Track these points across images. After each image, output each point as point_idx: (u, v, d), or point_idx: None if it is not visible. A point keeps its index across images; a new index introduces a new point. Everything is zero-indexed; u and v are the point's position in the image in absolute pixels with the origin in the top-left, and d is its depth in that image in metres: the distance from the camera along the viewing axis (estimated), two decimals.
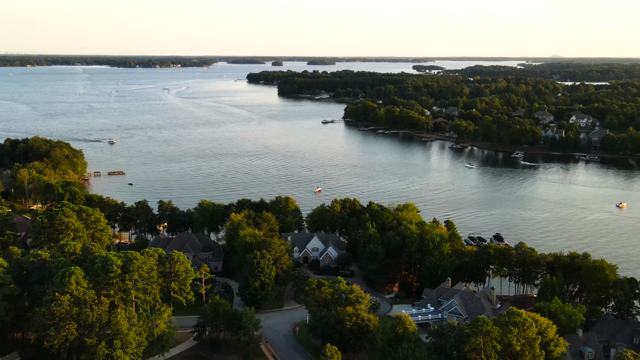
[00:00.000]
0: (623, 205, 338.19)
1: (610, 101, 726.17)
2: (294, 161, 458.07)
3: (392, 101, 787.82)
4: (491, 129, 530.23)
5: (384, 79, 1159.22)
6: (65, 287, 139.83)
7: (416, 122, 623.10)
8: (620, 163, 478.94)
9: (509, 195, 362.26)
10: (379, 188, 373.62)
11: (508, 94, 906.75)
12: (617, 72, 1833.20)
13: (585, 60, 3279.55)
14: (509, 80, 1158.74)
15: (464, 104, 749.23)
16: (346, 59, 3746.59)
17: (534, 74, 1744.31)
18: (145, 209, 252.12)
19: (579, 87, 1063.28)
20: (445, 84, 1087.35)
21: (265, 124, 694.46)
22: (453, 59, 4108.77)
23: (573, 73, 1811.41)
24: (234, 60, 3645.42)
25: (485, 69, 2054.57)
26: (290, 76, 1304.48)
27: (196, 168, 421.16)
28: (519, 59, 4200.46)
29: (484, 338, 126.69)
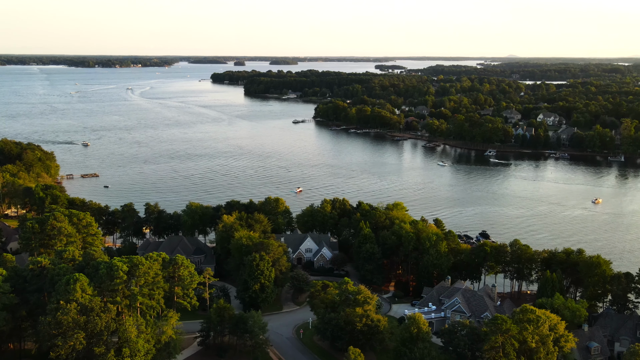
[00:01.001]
0: (599, 201, 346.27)
1: (574, 100, 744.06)
2: (270, 161, 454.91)
3: (361, 100, 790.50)
4: (463, 128, 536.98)
5: (350, 78, 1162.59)
6: (70, 295, 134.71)
7: (388, 121, 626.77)
8: (588, 160, 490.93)
9: (488, 193, 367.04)
10: (359, 187, 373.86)
11: (474, 92, 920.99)
12: (573, 71, 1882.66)
13: (540, 60, 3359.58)
14: (472, 80, 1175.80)
15: (433, 103, 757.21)
16: (308, 59, 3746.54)
17: (494, 73, 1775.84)
18: (131, 212, 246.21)
19: (541, 86, 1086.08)
20: (411, 83, 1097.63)
21: (236, 125, 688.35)
22: (414, 59, 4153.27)
23: (532, 72, 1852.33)
24: (196, 60, 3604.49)
25: (446, 68, 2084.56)
26: (256, 76, 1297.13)
27: (173, 170, 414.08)
28: (477, 58, 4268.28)
29: (503, 336, 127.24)
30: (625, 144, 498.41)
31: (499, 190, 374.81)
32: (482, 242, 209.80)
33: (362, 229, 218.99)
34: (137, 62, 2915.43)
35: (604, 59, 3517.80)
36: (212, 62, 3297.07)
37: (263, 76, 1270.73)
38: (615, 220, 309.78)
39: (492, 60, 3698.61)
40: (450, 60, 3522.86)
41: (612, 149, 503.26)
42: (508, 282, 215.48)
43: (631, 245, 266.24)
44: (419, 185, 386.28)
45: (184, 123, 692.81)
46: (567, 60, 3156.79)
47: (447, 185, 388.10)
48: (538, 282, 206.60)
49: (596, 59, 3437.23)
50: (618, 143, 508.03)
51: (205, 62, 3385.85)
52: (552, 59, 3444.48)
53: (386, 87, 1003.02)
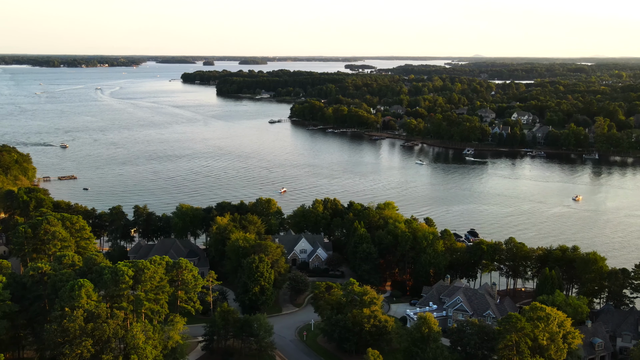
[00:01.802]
0: (579, 198, 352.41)
1: (545, 99, 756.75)
2: (251, 162, 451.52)
3: (336, 100, 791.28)
4: (441, 127, 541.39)
5: (323, 78, 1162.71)
6: (75, 301, 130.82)
7: (365, 120, 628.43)
8: (563, 158, 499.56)
9: (471, 191, 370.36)
10: (343, 187, 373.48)
11: (447, 92, 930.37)
12: (539, 71, 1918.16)
13: (506, 59, 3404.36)
14: (444, 79, 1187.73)
15: (408, 102, 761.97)
16: (277, 59, 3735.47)
17: (463, 72, 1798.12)
18: (119, 214, 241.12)
19: (511, 85, 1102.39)
20: (384, 82, 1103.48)
21: (212, 125, 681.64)
22: (382, 59, 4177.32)
23: (500, 72, 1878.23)
24: (164, 59, 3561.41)
25: (416, 68, 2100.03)
26: (228, 76, 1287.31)
27: (153, 171, 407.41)
28: (445, 58, 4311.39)
29: (517, 334, 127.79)
30: (599, 142, 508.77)
31: (482, 188, 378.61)
32: (479, 241, 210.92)
33: (357, 229, 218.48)
34: (104, 62, 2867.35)
35: (567, 59, 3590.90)
36: (181, 62, 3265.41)
37: (235, 76, 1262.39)
38: (597, 217, 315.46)
39: (459, 60, 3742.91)
40: (419, 60, 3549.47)
41: (587, 146, 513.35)
42: (501, 279, 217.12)
43: (618, 241, 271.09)
44: (402, 184, 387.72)
45: (158, 124, 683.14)
46: (531, 60, 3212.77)
47: (429, 184, 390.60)
48: (533, 279, 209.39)
49: (560, 59, 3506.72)
50: (592, 141, 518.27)
51: (174, 61, 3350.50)
52: (518, 59, 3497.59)
53: (359, 87, 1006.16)
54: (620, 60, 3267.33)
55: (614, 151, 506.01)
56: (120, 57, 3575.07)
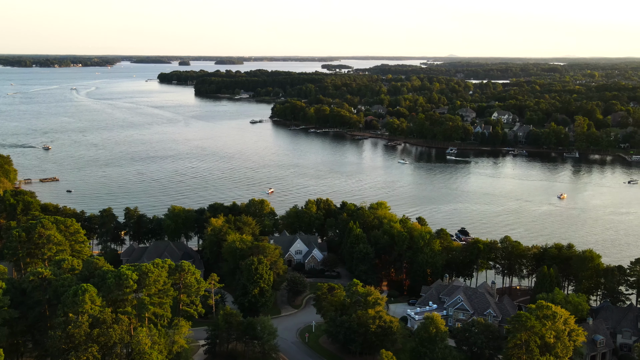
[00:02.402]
0: (564, 196, 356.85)
1: (523, 98, 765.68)
2: (236, 162, 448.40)
3: (317, 100, 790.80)
4: (424, 126, 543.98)
5: (303, 78, 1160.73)
6: (79, 307, 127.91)
7: (348, 120, 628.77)
8: (544, 156, 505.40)
9: (457, 191, 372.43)
10: (330, 187, 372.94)
11: (426, 91, 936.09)
12: (514, 70, 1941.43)
13: (480, 59, 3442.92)
14: (422, 79, 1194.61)
15: (389, 102, 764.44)
16: (253, 59, 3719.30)
17: (439, 72, 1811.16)
18: (110, 217, 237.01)
19: (488, 85, 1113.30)
20: (363, 82, 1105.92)
21: (193, 125, 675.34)
22: (358, 58, 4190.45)
23: (475, 71, 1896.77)
24: (138, 59, 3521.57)
25: (393, 68, 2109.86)
26: (206, 76, 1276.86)
27: (138, 173, 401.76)
28: (420, 58, 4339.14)
29: (527, 333, 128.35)
30: (579, 141, 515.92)
31: (468, 187, 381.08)
32: (475, 239, 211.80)
33: (353, 230, 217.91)
34: (77, 62, 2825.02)
35: (540, 59, 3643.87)
36: (156, 62, 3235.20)
37: (214, 76, 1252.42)
38: (584, 215, 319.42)
39: (434, 60, 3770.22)
40: (394, 60, 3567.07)
41: (567, 145, 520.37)
42: (495, 278, 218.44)
43: (608, 239, 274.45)
44: (388, 184, 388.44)
45: (138, 124, 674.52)
46: (505, 60, 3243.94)
47: (416, 184, 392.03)
48: (529, 277, 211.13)
49: (533, 59, 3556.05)
50: (572, 140, 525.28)
51: (149, 61, 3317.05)
52: (492, 59, 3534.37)
53: (339, 87, 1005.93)
54: (591, 60, 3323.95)
55: (593, 150, 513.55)
56: (94, 57, 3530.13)
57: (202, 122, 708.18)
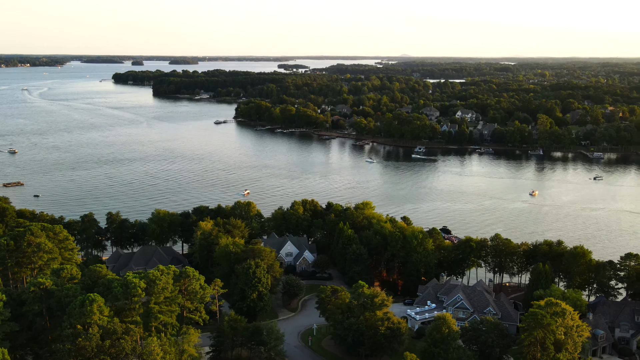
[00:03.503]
0: (535, 193, 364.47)
1: (484, 97, 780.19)
2: (207, 164, 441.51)
3: (280, 100, 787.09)
4: (392, 126, 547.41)
5: (263, 78, 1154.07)
6: (87, 318, 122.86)
7: (314, 120, 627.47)
8: (509, 154, 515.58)
9: (431, 189, 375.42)
10: (306, 188, 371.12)
11: (386, 91, 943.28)
12: (468, 70, 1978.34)
13: (434, 59, 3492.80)
14: (381, 79, 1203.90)
15: (353, 102, 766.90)
16: (208, 59, 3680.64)
17: (395, 71, 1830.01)
18: (91, 222, 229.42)
19: (446, 84, 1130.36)
20: (323, 82, 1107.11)
21: (156, 127, 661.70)
22: (313, 58, 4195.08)
23: (431, 71, 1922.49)
24: (89, 59, 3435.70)
25: (349, 67, 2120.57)
26: (164, 76, 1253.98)
27: (107, 176, 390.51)
28: (374, 57, 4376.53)
29: (543, 330, 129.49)
30: (542, 139, 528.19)
31: (442, 186, 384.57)
32: (467, 238, 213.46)
33: (343, 230, 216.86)
34: (25, 62, 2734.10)
35: (490, 59, 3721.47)
36: (107, 62, 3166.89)
37: (172, 76, 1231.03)
38: (556, 211, 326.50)
39: (389, 60, 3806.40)
40: (349, 59, 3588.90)
41: (531, 143, 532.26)
42: (483, 275, 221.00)
43: (589, 234, 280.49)
44: (362, 183, 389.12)
45: (100, 126, 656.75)
46: (457, 59, 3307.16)
47: (390, 183, 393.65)
48: (519, 274, 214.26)
49: (484, 59, 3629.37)
50: (535, 138, 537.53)
51: (100, 61, 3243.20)
52: (444, 59, 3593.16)
53: (300, 87, 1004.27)
54: (539, 59, 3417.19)
55: (556, 147, 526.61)
56: (42, 56, 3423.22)
57: (165, 123, 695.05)
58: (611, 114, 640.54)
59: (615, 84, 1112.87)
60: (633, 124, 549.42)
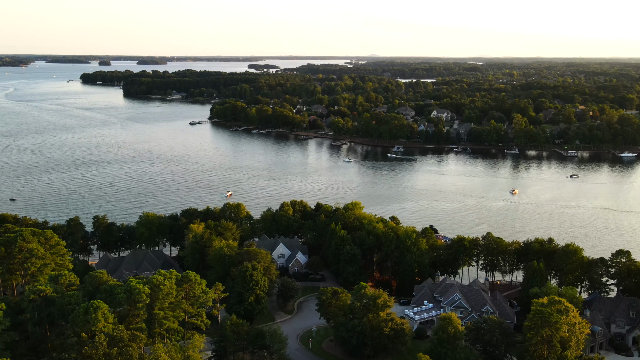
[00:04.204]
0: (515, 191, 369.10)
1: (457, 97, 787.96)
2: (186, 165, 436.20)
3: (255, 100, 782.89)
4: (370, 125, 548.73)
5: (236, 78, 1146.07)
6: (92, 326, 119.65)
7: (291, 120, 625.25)
8: (486, 153, 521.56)
9: (414, 189, 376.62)
10: (289, 188, 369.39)
11: (359, 90, 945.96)
12: (438, 70, 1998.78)
13: (403, 59, 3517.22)
14: (354, 79, 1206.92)
15: (329, 102, 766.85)
16: (177, 59, 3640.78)
17: (366, 71, 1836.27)
18: (78, 226, 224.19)
19: (419, 84, 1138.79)
20: (296, 82, 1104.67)
21: (130, 128, 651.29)
22: (283, 58, 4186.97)
23: (401, 71, 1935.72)
24: (54, 59, 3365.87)
25: (320, 67, 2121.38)
26: (135, 76, 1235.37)
27: (86, 178, 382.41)
28: (343, 57, 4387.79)
29: (551, 328, 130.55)
30: (518, 137, 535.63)
31: (424, 185, 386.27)
32: (459, 237, 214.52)
33: (336, 231, 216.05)
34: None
35: (458, 58, 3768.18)
36: (73, 62, 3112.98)
37: (143, 76, 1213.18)
38: (538, 209, 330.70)
39: (358, 59, 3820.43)
40: (319, 59, 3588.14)
41: (507, 142, 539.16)
42: (475, 274, 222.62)
43: (569, 231, 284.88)
44: (344, 183, 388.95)
45: (72, 127, 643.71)
46: (425, 59, 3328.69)
47: (372, 183, 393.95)
48: (510, 272, 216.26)
49: (452, 58, 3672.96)
50: (511, 137, 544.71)
51: (65, 61, 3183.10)
52: (412, 59, 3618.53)
53: (273, 87, 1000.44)
54: (506, 59, 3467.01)
55: (531, 145, 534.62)
56: (5, 56, 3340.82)
57: (139, 124, 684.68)
58: (582, 113, 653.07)
59: (582, 83, 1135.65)
60: (604, 123, 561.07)
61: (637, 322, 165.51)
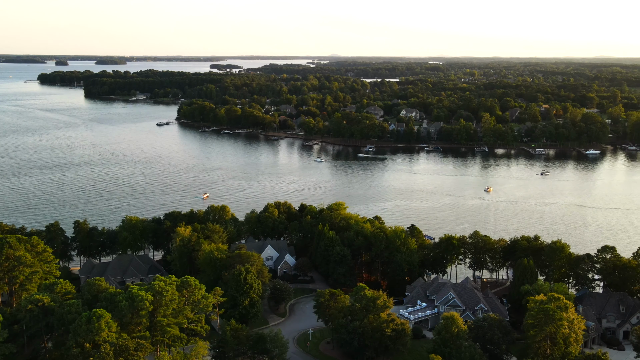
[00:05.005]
0: (490, 189, 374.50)
1: (424, 96, 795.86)
2: (159, 167, 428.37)
3: (223, 101, 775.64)
4: (341, 125, 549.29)
5: (201, 78, 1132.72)
6: (95, 335, 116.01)
7: (261, 120, 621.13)
8: (456, 151, 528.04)
9: (389, 188, 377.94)
10: (266, 189, 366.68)
11: (325, 90, 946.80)
12: (400, 69, 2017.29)
13: (364, 58, 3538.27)
14: (319, 78, 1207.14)
15: (297, 102, 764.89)
16: (136, 59, 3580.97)
17: (329, 71, 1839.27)
18: (58, 232, 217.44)
19: (384, 84, 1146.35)
20: (262, 82, 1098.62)
21: (96, 129, 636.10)
22: (244, 58, 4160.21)
23: (365, 70, 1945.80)
24: (7, 59, 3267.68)
25: (284, 67, 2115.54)
26: (96, 77, 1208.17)
27: (56, 182, 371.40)
28: (305, 57, 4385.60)
29: (555, 325, 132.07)
30: (487, 136, 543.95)
31: (399, 185, 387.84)
32: (448, 236, 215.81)
33: (324, 232, 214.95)
34: None
35: (418, 58, 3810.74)
36: (28, 62, 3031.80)
37: (105, 77, 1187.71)
38: (513, 206, 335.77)
39: (320, 59, 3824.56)
40: (281, 59, 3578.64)
41: (476, 140, 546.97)
42: (463, 272, 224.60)
43: (548, 228, 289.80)
44: (319, 184, 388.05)
45: (35, 129, 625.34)
46: (386, 59, 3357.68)
47: (348, 183, 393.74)
48: (497, 270, 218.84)
49: (412, 58, 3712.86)
50: (480, 135, 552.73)
51: (20, 61, 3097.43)
52: (374, 58, 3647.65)
53: (239, 87, 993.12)
54: (465, 59, 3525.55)
55: (500, 144, 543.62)
56: None
57: (105, 125, 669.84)
58: (546, 111, 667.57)
59: (542, 82, 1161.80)
60: (569, 121, 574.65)
61: (627, 317, 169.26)
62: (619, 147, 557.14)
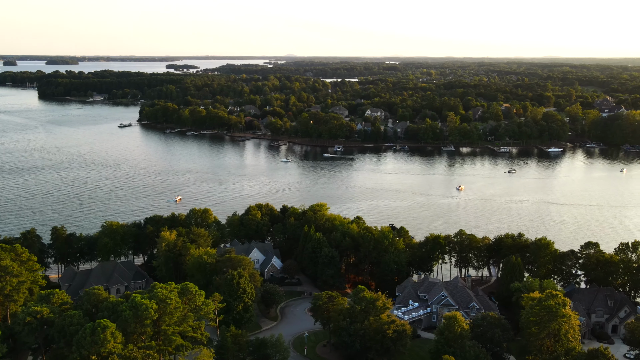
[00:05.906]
0: (462, 188, 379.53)
1: (387, 96, 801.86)
2: (126, 170, 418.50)
3: (185, 101, 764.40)
4: (309, 125, 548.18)
5: (161, 79, 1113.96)
6: (101, 347, 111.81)
7: (227, 121, 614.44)
8: (422, 150, 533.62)
9: (361, 188, 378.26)
10: (239, 191, 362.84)
11: (287, 90, 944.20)
12: (359, 69, 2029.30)
13: (321, 58, 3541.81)
14: (280, 79, 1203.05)
15: (261, 102, 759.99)
16: (88, 58, 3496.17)
17: (288, 71, 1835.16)
18: (35, 239, 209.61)
19: (344, 83, 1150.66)
20: (223, 82, 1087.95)
21: (55, 132, 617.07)
22: (200, 58, 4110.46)
23: (324, 70, 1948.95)
24: None
25: (241, 67, 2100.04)
26: (50, 77, 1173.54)
27: (19, 187, 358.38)
28: (261, 57, 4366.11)
29: (558, 322, 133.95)
30: (453, 135, 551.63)
31: (370, 184, 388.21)
32: (436, 235, 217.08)
33: (310, 234, 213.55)
34: None
35: (375, 58, 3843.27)
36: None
37: (59, 77, 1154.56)
38: (485, 204, 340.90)
39: (276, 59, 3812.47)
40: (237, 59, 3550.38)
41: (442, 139, 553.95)
42: (448, 270, 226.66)
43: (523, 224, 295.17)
44: (292, 184, 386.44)
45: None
46: (342, 59, 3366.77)
47: (321, 184, 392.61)
48: (482, 268, 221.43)
49: (369, 58, 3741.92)
50: (446, 134, 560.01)
51: None
52: (330, 58, 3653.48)
53: (200, 87, 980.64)
54: (420, 59, 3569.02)
55: (465, 143, 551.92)
56: None
57: (64, 127, 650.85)
58: (507, 110, 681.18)
59: (498, 82, 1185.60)
60: (531, 120, 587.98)
61: (615, 311, 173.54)
62: (578, 144, 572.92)
